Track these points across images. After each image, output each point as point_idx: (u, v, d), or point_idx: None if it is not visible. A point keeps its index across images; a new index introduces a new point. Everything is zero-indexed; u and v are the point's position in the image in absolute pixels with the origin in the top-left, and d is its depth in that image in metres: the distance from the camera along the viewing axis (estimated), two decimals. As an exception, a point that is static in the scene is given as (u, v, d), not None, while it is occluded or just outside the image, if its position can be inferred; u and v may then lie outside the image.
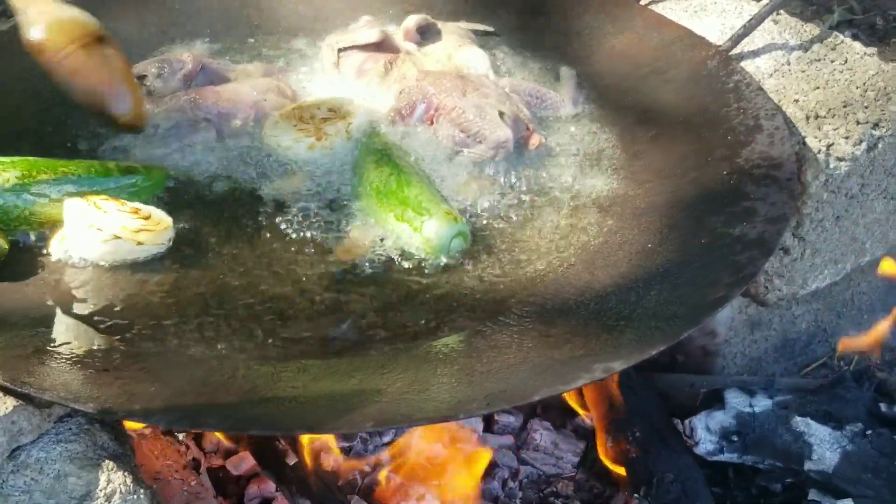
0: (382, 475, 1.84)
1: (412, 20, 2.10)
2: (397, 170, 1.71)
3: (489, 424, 2.02)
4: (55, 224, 1.63)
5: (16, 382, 1.33)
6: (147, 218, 1.61)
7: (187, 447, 1.85)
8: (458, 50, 2.05)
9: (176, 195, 1.75)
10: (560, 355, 1.42)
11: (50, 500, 1.35)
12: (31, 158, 1.70)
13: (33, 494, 1.35)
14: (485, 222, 1.71)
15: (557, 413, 2.06)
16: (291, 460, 1.80)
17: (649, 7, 2.13)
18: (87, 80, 1.42)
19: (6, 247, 1.59)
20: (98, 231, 1.58)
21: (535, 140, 1.82)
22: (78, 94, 1.42)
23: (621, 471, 1.85)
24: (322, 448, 1.85)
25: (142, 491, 1.41)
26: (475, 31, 2.15)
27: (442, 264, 1.62)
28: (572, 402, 2.00)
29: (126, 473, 1.41)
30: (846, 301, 2.12)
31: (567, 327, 1.48)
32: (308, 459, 1.83)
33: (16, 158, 1.68)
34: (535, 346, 1.46)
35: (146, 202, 1.69)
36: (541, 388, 1.34)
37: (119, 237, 1.58)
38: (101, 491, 1.38)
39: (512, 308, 1.55)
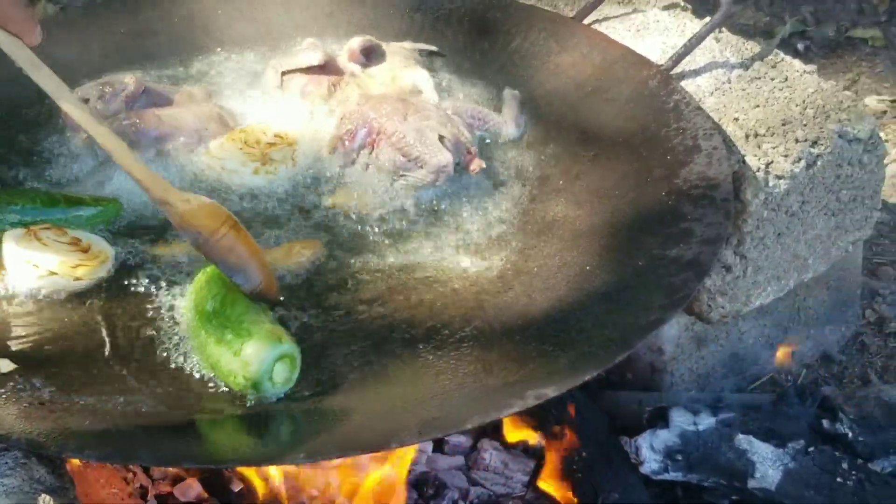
0: (330, 497, 1.84)
1: (356, 42, 2.10)
2: (226, 288, 1.54)
3: (439, 444, 2.02)
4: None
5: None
6: (86, 251, 1.62)
7: (134, 474, 1.85)
8: (403, 71, 2.05)
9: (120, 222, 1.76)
10: (494, 382, 1.43)
11: (-16, 538, 1.35)
12: (-26, 187, 1.71)
13: (-34, 533, 1.35)
14: (424, 245, 1.71)
15: (508, 431, 2.06)
16: (237, 487, 1.80)
17: (592, 26, 2.14)
18: (238, 257, 1.51)
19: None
20: (34, 267, 1.58)
21: (475, 164, 1.83)
22: (232, 273, 1.51)
23: (567, 493, 1.85)
24: (269, 473, 1.85)
25: (80, 524, 1.41)
26: (421, 52, 2.15)
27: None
28: (519, 422, 2.01)
29: (64, 507, 1.41)
30: (792, 316, 2.14)
31: (503, 352, 1.49)
32: (256, 486, 1.82)
33: (-41, 187, 1.69)
34: (472, 371, 1.47)
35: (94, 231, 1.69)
36: (473, 415, 1.34)
37: (55, 273, 1.58)
38: (37, 527, 1.37)
39: (450, 333, 1.55)
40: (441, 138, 1.83)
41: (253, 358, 1.40)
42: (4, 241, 1.60)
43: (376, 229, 1.76)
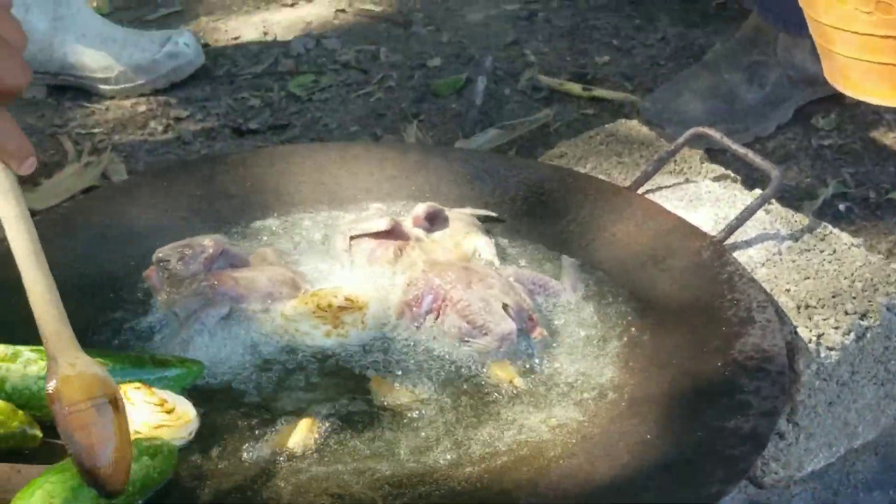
0: None
1: (421, 208, 2.20)
2: None
3: None
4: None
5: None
6: (170, 412, 1.70)
7: None
8: (465, 237, 2.15)
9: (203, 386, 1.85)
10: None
11: None
12: (67, 348, 1.80)
13: None
14: (487, 409, 1.79)
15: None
16: None
17: (646, 196, 2.23)
18: (87, 437, 1.47)
19: (39, 435, 1.68)
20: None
21: (537, 332, 1.91)
22: (73, 448, 1.46)
23: None
24: None
25: None
26: (481, 218, 2.25)
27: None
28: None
29: None
30: (842, 479, 2.19)
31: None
32: None
33: (51, 348, 1.77)
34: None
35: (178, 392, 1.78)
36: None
37: (139, 433, 1.65)
38: None
39: (518, 497, 1.61)
40: (505, 307, 1.92)
41: None
42: (94, 401, 1.69)
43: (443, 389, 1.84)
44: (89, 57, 3.53)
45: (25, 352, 1.75)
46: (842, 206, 3.07)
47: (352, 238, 2.16)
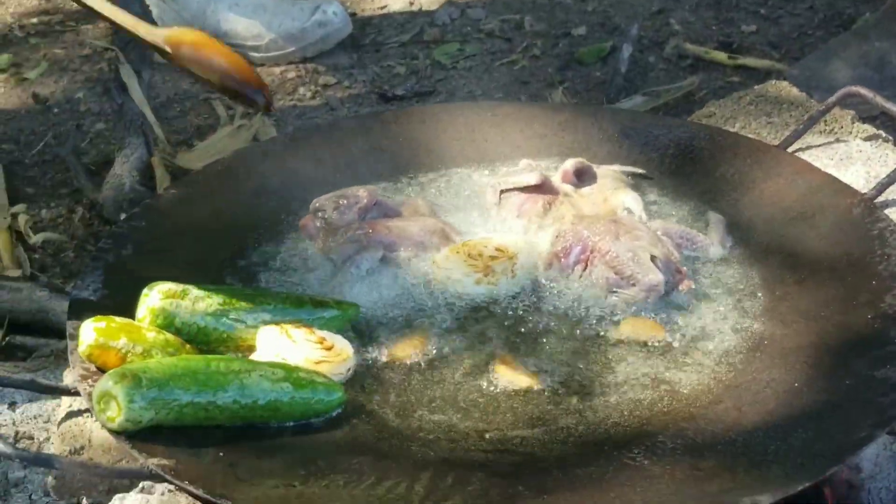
0: None
1: (570, 163, 2.24)
2: None
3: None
4: (249, 348, 1.81)
5: (216, 494, 1.50)
6: (330, 349, 1.77)
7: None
8: (614, 193, 2.18)
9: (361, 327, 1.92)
10: (710, 488, 1.52)
11: None
12: (233, 287, 1.93)
13: None
14: (640, 358, 1.83)
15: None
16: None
17: (796, 154, 2.24)
18: (223, 55, 1.73)
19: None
20: (282, 360, 1.74)
21: (685, 284, 1.94)
22: (217, 69, 1.74)
23: None
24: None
25: None
26: (629, 174, 2.28)
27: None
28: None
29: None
30: None
31: (716, 462, 1.58)
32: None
33: (220, 287, 1.90)
34: (686, 478, 1.55)
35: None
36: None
37: (299, 368, 1.73)
38: None
39: (664, 441, 1.65)
40: (653, 258, 1.95)
41: None
42: (259, 336, 1.78)
43: (591, 341, 1.88)
44: (241, 25, 3.63)
45: (193, 290, 1.84)
46: None
47: (502, 192, 2.21)
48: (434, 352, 1.86)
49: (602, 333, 1.89)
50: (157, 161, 3.12)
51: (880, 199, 2.06)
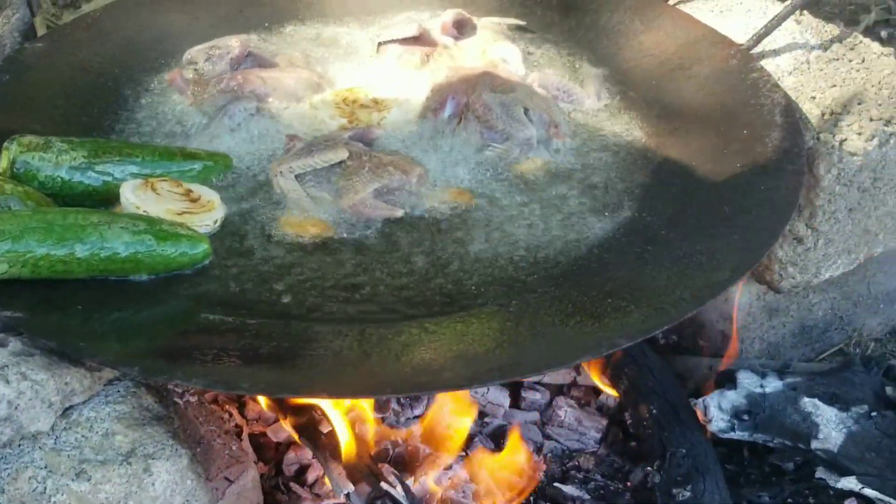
0: (413, 445, 1.96)
1: (449, 15, 2.21)
2: None
3: (516, 400, 2.12)
4: (114, 203, 1.76)
5: (69, 346, 1.47)
6: (195, 200, 1.73)
7: (230, 414, 1.97)
8: (493, 45, 2.16)
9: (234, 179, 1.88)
10: (570, 332, 1.52)
11: (98, 455, 1.47)
12: (99, 140, 1.85)
13: (83, 450, 1.48)
14: (510, 206, 1.82)
15: (583, 391, 2.16)
16: (325, 428, 1.91)
17: (677, 6, 2.22)
18: None
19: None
20: (142, 213, 1.70)
21: (559, 138, 1.92)
22: None
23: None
24: (357, 418, 1.96)
25: (183, 451, 1.53)
26: (509, 27, 2.25)
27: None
28: (598, 379, 2.10)
29: (169, 434, 1.53)
30: (862, 290, 2.20)
31: (579, 306, 1.58)
32: (343, 428, 1.94)
33: (85, 139, 1.82)
34: (551, 322, 1.56)
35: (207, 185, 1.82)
36: (550, 361, 1.45)
37: (161, 220, 1.68)
38: (144, 449, 1.50)
39: (534, 287, 1.65)
40: (525, 111, 1.93)
41: None
42: (122, 190, 1.73)
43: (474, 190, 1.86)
44: None
45: (57, 142, 1.78)
46: (883, 33, 3.02)
47: (380, 44, 2.17)
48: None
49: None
50: (41, 22, 3.00)
51: (757, 50, 2.06)
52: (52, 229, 1.57)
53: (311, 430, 1.92)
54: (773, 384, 1.93)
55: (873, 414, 1.88)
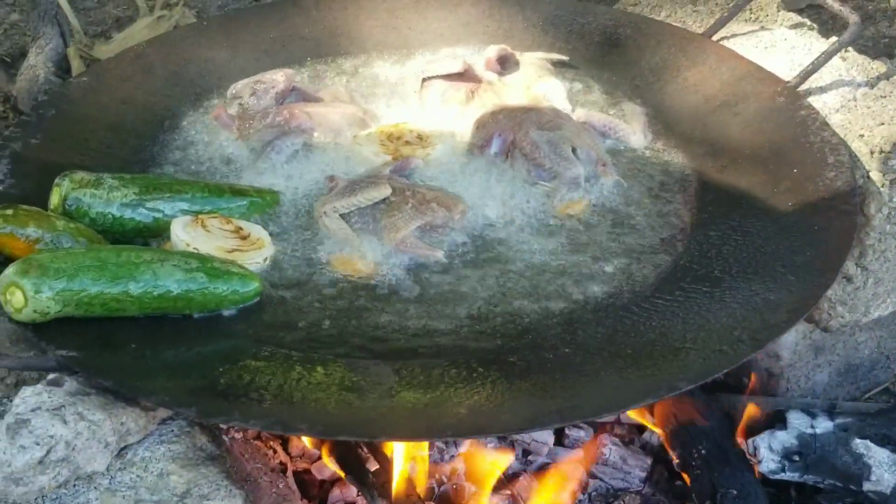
0: (458, 483, 1.94)
1: (493, 50, 2.20)
2: None
3: (560, 438, 2.11)
4: (164, 238, 1.76)
5: (126, 386, 1.46)
6: (245, 238, 1.73)
7: (275, 451, 1.97)
8: (537, 81, 2.15)
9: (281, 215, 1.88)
10: (629, 375, 1.51)
11: (154, 496, 1.47)
12: (149, 176, 1.86)
13: (138, 490, 1.47)
14: (565, 247, 1.81)
15: (627, 429, 2.14)
16: (373, 466, 1.90)
17: (721, 43, 2.21)
18: None
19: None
20: (194, 251, 1.69)
21: (608, 176, 1.91)
22: None
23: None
24: (407, 456, 1.95)
25: (236, 491, 1.52)
26: (553, 62, 2.25)
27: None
28: (642, 418, 2.09)
29: (222, 474, 1.53)
30: (909, 329, 2.19)
31: (638, 348, 1.57)
32: (390, 466, 1.93)
33: (136, 176, 1.83)
34: (605, 365, 1.55)
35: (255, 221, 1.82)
36: (610, 405, 1.43)
37: (212, 257, 1.68)
38: (200, 489, 1.49)
39: (583, 329, 1.64)
40: (573, 150, 1.92)
41: None
42: (172, 227, 1.73)
43: (520, 232, 1.85)
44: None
45: (108, 179, 1.78)
46: (920, 67, 3.01)
47: (424, 79, 2.17)
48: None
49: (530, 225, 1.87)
50: (73, 52, 3.03)
51: (803, 87, 2.05)
52: (106, 267, 1.57)
53: (358, 467, 1.91)
54: (823, 424, 1.92)
55: (926, 456, 1.86)
